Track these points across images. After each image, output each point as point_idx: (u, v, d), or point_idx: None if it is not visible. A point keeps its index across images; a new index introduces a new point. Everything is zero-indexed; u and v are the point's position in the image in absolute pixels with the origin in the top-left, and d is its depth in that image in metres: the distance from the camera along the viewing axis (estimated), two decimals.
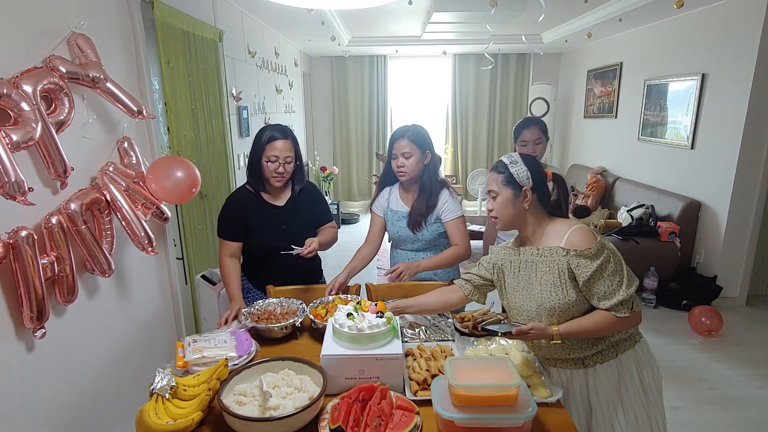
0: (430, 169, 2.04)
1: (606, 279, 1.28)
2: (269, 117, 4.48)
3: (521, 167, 1.39)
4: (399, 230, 2.09)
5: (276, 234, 1.95)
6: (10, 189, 1.24)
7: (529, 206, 1.39)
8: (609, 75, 5.50)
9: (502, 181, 1.40)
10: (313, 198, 2.11)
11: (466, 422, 1.12)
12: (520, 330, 1.29)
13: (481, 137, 7.40)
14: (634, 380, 1.38)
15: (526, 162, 1.41)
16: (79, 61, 1.58)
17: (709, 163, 3.85)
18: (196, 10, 2.79)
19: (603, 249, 1.30)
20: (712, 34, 3.79)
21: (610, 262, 1.29)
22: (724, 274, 3.79)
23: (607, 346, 1.37)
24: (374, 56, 7.02)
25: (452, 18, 4.23)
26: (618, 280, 1.29)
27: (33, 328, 1.41)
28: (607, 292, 1.28)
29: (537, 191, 1.39)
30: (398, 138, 2.00)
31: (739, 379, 2.82)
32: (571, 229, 1.35)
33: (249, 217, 1.96)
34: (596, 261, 1.27)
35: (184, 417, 1.17)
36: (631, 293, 1.29)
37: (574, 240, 1.32)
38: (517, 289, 1.44)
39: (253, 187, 2.00)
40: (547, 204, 1.43)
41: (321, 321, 1.65)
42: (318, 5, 2.23)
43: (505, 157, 1.44)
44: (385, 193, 2.17)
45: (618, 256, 1.32)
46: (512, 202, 1.39)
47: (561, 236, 1.36)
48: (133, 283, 2.01)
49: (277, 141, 1.90)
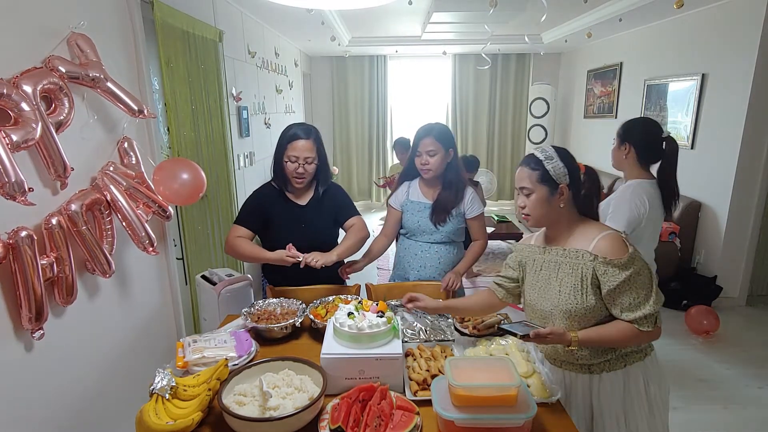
0: (453, 166, 2.11)
1: (633, 291, 1.25)
2: (269, 117, 4.48)
3: (557, 163, 1.32)
4: (419, 221, 2.14)
5: (295, 232, 1.93)
6: (10, 189, 1.24)
7: (563, 204, 1.34)
8: (609, 75, 5.50)
9: (537, 178, 1.33)
10: (337, 198, 2.07)
11: (466, 422, 1.12)
12: (538, 333, 1.26)
13: (481, 137, 7.41)
14: (640, 393, 1.36)
15: (562, 157, 1.33)
16: (80, 61, 1.58)
17: (709, 163, 3.85)
18: (196, 10, 2.79)
19: (633, 261, 1.25)
20: (712, 34, 3.79)
21: (640, 275, 1.25)
22: (724, 274, 3.79)
23: (617, 356, 1.35)
24: (374, 56, 7.02)
25: (452, 18, 4.23)
26: (645, 293, 1.25)
27: (31, 329, 1.41)
28: (632, 304, 1.25)
29: (572, 188, 1.34)
30: (423, 136, 2.06)
31: (739, 379, 2.82)
32: (602, 234, 1.30)
33: (271, 212, 1.96)
34: (625, 272, 1.24)
35: (184, 417, 1.17)
36: (657, 308, 1.26)
37: (603, 246, 1.28)
38: (534, 287, 1.42)
39: (277, 185, 1.99)
40: (579, 201, 1.37)
41: (321, 321, 1.65)
42: (318, 5, 2.23)
43: (539, 152, 1.36)
44: (404, 188, 2.22)
45: (648, 270, 1.28)
46: (547, 200, 1.34)
47: (590, 240, 1.31)
48: (133, 284, 2.01)
49: (299, 140, 1.87)
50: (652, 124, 2.02)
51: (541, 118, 6.56)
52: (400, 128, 7.37)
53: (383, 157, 7.50)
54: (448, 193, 2.10)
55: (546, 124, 6.57)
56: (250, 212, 1.98)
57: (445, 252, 2.15)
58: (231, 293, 2.31)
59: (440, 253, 2.15)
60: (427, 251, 2.16)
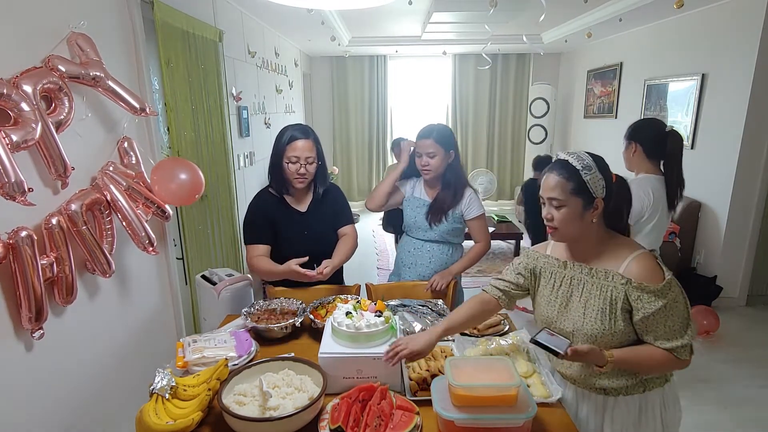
0: (453, 167, 2.11)
1: (669, 320, 1.16)
2: (269, 117, 4.49)
3: (596, 175, 1.18)
4: (416, 217, 2.16)
5: (300, 240, 1.93)
6: (10, 189, 1.24)
7: (596, 219, 1.21)
8: (609, 75, 5.50)
9: (572, 189, 1.19)
10: (335, 201, 2.07)
11: (466, 422, 1.12)
12: (576, 351, 1.16)
13: (481, 137, 7.41)
14: (656, 417, 1.29)
15: (601, 167, 1.19)
16: (80, 61, 1.58)
17: (709, 163, 3.85)
18: (196, 10, 2.79)
19: (670, 287, 1.16)
20: (712, 34, 3.79)
21: (677, 303, 1.16)
22: (724, 274, 3.79)
23: (637, 381, 1.26)
24: (374, 56, 7.02)
25: (452, 18, 4.23)
26: (681, 323, 1.17)
27: (31, 328, 1.41)
28: (668, 333, 1.16)
29: (607, 201, 1.21)
30: (423, 138, 2.07)
31: (739, 379, 2.82)
32: (634, 255, 1.20)
33: (274, 220, 1.93)
34: (662, 300, 1.14)
35: (184, 417, 1.17)
36: (694, 337, 1.18)
37: (636, 270, 1.17)
38: (552, 303, 1.31)
39: (275, 190, 1.97)
40: (608, 214, 1.25)
41: (321, 321, 1.65)
42: (318, 5, 2.23)
43: (573, 159, 1.20)
44: (411, 181, 2.24)
45: (684, 297, 1.18)
46: (580, 215, 1.20)
47: (620, 260, 1.21)
48: (133, 283, 2.01)
49: (298, 141, 1.86)
50: (655, 121, 2.14)
51: (541, 118, 6.56)
52: (400, 128, 7.38)
53: (383, 157, 7.50)
54: (446, 193, 2.11)
55: (546, 124, 6.57)
56: (259, 227, 1.94)
57: (438, 251, 2.15)
58: (231, 293, 2.31)
59: (432, 252, 2.15)
60: (420, 249, 2.17)
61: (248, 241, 1.95)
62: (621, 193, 1.27)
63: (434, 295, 2.04)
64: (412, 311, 1.76)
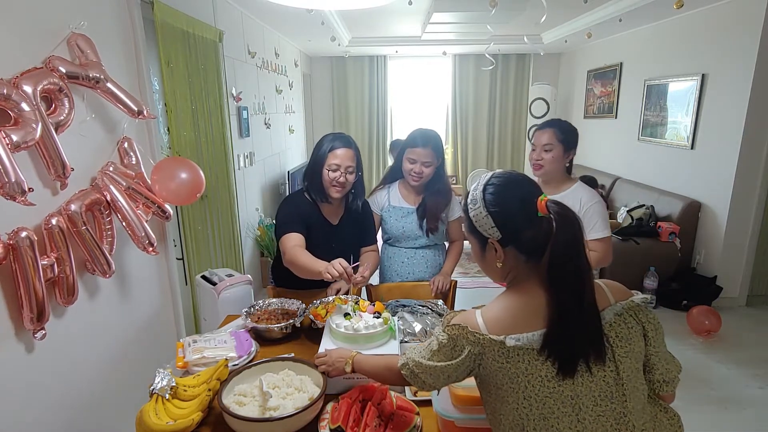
0: (441, 174, 2.09)
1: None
2: (269, 117, 4.49)
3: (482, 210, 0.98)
4: (404, 226, 2.11)
5: (327, 250, 1.87)
6: (10, 189, 1.24)
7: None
8: (609, 75, 5.50)
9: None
10: (365, 221, 2.07)
11: (466, 422, 1.12)
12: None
13: (481, 138, 7.41)
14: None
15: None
16: (80, 62, 1.58)
17: (709, 164, 3.85)
18: (196, 10, 2.80)
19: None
20: (712, 34, 3.79)
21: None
22: (724, 274, 3.79)
23: None
24: (374, 56, 7.02)
25: (452, 18, 4.23)
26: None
27: (33, 329, 1.41)
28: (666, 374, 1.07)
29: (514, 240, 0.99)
30: (422, 147, 2.00)
31: (739, 379, 2.82)
32: None
33: (309, 225, 1.91)
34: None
35: (184, 417, 1.17)
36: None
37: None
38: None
39: (311, 197, 1.95)
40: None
41: (321, 321, 1.65)
42: (318, 5, 2.23)
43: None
44: (383, 192, 2.19)
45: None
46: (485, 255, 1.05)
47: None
48: (133, 284, 2.01)
49: (340, 149, 1.85)
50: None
51: (541, 118, 6.55)
52: (400, 128, 7.37)
53: (383, 158, 7.50)
54: (438, 199, 2.09)
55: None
56: (295, 216, 1.89)
57: (432, 255, 2.17)
58: (231, 293, 2.31)
59: (427, 257, 2.16)
60: (413, 257, 2.15)
61: (287, 230, 1.84)
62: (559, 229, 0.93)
63: (436, 295, 2.04)
64: (412, 311, 1.76)
